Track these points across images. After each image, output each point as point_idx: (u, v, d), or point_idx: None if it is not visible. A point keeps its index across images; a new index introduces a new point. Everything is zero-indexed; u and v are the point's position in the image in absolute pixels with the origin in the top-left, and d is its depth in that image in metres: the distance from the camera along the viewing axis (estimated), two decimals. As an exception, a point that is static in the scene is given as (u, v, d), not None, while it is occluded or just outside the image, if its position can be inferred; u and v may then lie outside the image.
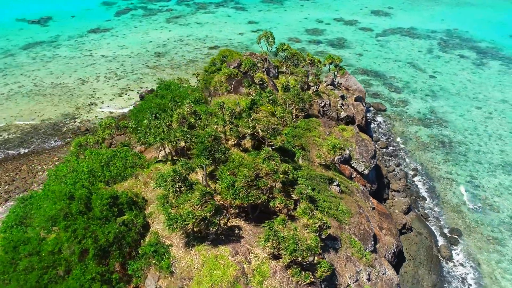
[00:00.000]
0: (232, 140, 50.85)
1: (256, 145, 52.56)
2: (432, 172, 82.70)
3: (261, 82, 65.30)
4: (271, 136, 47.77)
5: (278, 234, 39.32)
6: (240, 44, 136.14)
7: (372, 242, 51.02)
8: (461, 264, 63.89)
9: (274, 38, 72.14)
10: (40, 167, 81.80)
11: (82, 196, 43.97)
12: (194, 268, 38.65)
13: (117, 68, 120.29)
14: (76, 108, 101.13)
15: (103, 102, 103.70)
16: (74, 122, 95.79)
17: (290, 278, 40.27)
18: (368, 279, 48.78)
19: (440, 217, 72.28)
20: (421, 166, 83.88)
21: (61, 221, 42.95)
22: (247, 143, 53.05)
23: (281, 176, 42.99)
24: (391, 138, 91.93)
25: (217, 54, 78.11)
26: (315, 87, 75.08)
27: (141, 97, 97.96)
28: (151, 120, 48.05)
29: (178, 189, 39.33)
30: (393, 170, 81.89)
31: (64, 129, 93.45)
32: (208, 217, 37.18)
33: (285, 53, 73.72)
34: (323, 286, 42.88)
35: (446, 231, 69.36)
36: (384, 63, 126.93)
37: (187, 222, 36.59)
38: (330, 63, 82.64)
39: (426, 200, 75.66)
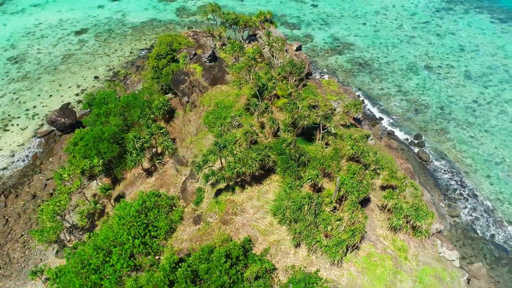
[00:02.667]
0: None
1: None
2: (370, 93, 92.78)
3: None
4: (326, 120, 45.58)
5: (403, 208, 40.37)
6: (110, 20, 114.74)
7: (416, 175, 57.00)
8: (436, 160, 77.49)
9: (220, 9, 63.66)
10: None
11: (187, 274, 35.49)
12: (358, 278, 37.28)
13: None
14: (-46, 168, 72.93)
15: (-12, 146, 77.13)
16: (-31, 187, 69.77)
17: (416, 240, 42.96)
18: (426, 207, 55.22)
19: (401, 128, 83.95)
20: (360, 91, 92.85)
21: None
22: (283, 134, 49.16)
23: (372, 155, 42.66)
24: (322, 73, 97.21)
25: (157, 44, 64.69)
26: (269, 48, 71.73)
27: (52, 122, 76.31)
28: (216, 152, 39.30)
29: (314, 215, 35.34)
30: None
31: (-38, 202, 67.52)
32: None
33: (236, 22, 66.33)
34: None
35: (412, 138, 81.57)
36: (267, 3, 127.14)
37: (354, 240, 34.19)
38: (261, 20, 79.01)
39: (383, 119, 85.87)
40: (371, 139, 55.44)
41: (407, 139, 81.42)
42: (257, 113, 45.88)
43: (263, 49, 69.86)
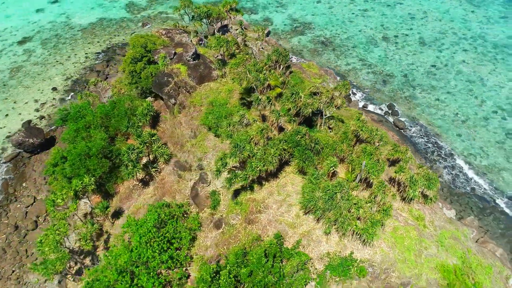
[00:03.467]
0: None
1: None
2: (339, 70, 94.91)
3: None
4: (329, 106, 46.27)
5: (418, 180, 42.45)
6: (55, 24, 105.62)
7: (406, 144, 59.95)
8: (411, 126, 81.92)
9: (192, 3, 60.93)
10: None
11: (230, 281, 35.09)
12: (389, 253, 39.07)
13: None
14: None
15: None
16: None
17: (427, 207, 45.66)
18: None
19: (373, 101, 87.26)
20: (330, 70, 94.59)
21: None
22: (289, 125, 49.26)
23: (379, 133, 44.08)
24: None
25: (129, 47, 60.44)
26: (243, 37, 70.77)
27: (19, 144, 69.97)
28: (237, 154, 38.39)
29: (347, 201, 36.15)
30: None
31: None
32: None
33: (209, 15, 63.95)
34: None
35: (386, 109, 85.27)
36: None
37: (387, 218, 35.66)
38: (227, 9, 77.26)
39: (356, 94, 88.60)
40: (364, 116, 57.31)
41: (381, 110, 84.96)
42: (260, 107, 45.36)
43: (237, 38, 68.59)
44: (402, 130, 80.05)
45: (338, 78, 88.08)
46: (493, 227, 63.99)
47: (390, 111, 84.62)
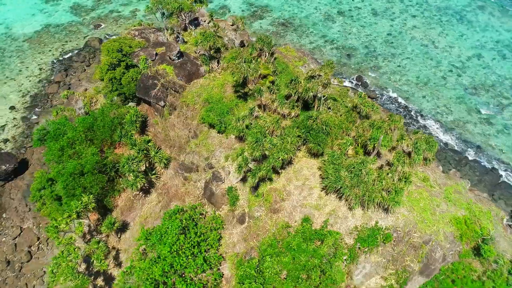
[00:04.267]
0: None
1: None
2: (304, 50, 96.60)
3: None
4: (327, 87, 47.65)
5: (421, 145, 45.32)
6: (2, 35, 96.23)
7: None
8: (381, 95, 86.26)
9: None
10: None
11: (275, 271, 35.98)
12: (409, 216, 41.93)
13: None
14: None
15: None
16: None
17: (427, 167, 49.13)
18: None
19: (342, 75, 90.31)
20: (307, 51, 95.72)
21: None
22: (292, 111, 49.70)
23: (379, 106, 46.22)
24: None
25: (103, 53, 56.36)
26: (215, 28, 69.66)
27: (-8, 174, 64.25)
28: (259, 149, 38.47)
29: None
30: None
31: None
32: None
33: (181, 9, 61.55)
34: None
35: (355, 81, 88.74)
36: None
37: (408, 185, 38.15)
38: (192, 1, 75.28)
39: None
40: (351, 93, 59.48)
41: (351, 83, 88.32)
42: (263, 97, 45.55)
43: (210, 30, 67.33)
44: (374, 100, 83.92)
45: (314, 57, 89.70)
46: (471, 175, 70.26)
47: (360, 83, 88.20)
